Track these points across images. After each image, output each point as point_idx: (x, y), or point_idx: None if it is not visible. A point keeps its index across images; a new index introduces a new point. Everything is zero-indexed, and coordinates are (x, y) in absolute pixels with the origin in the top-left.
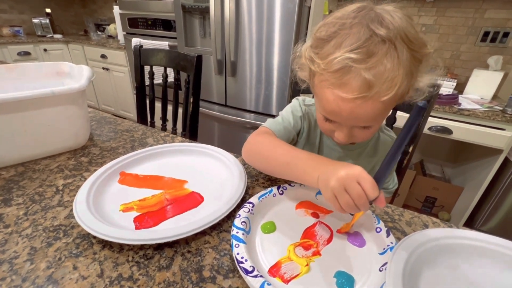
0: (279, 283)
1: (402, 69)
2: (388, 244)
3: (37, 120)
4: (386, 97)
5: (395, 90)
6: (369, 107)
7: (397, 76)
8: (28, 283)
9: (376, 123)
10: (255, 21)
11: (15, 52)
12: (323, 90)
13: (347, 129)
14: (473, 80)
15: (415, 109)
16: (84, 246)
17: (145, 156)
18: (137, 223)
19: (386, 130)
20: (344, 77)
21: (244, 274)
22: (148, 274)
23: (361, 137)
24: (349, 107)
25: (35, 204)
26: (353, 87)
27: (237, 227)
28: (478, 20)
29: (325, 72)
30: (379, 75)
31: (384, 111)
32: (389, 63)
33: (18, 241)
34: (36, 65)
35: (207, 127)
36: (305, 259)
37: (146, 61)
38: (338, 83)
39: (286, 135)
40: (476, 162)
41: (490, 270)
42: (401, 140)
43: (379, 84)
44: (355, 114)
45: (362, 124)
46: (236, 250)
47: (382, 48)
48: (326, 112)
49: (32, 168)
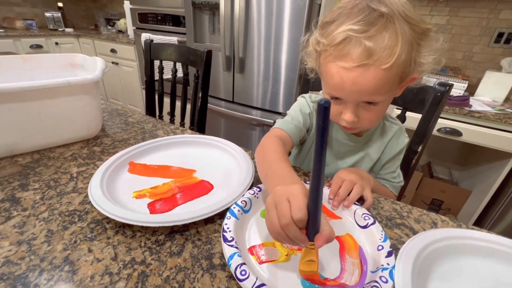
0: (253, 261)
1: (401, 39)
2: (383, 264)
3: (52, 109)
4: (386, 65)
5: (395, 58)
6: (371, 76)
7: (396, 45)
8: (46, 263)
9: (379, 97)
10: (265, 18)
11: (27, 44)
12: (327, 66)
13: (352, 106)
14: (485, 81)
15: (318, 107)
16: (98, 230)
17: (153, 147)
18: (152, 208)
19: (391, 118)
20: (346, 48)
21: (223, 241)
22: (160, 259)
23: (367, 118)
24: (352, 77)
25: (50, 190)
26: (354, 56)
27: (237, 204)
28: (493, 20)
29: (329, 47)
30: (379, 43)
31: (387, 83)
32: (388, 33)
33: (35, 224)
34: (50, 56)
35: (214, 123)
36: (287, 250)
37: (156, 55)
38: (340, 55)
39: (298, 133)
40: (485, 166)
41: (499, 271)
42: (316, 150)
43: (379, 51)
44: (358, 84)
45: (366, 98)
46: (226, 221)
47: (381, 20)
48: (331, 88)
49: (47, 155)
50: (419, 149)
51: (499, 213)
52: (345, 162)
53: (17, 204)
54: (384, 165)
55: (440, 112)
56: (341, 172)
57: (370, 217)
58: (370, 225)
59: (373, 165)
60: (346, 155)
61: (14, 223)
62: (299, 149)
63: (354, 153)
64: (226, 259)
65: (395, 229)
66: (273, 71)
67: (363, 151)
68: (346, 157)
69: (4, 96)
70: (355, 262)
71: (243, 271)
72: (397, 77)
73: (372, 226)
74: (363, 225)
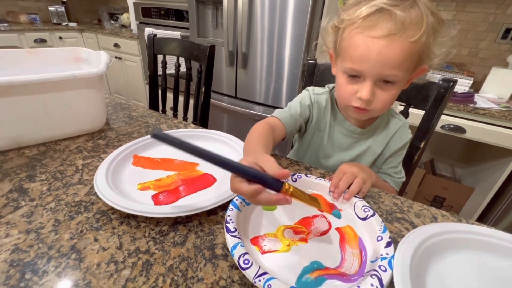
0: (255, 251)
1: (426, 20)
2: (382, 254)
3: (58, 102)
4: (413, 38)
5: (421, 32)
6: (398, 47)
7: (423, 22)
8: (54, 251)
9: (400, 73)
10: (268, 13)
11: (31, 39)
12: (352, 39)
13: (371, 83)
14: (491, 78)
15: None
16: (104, 221)
17: (157, 141)
18: (156, 199)
19: (395, 113)
20: (376, 18)
21: (226, 232)
22: (163, 249)
23: (381, 100)
24: (379, 47)
25: (57, 181)
26: (384, 27)
27: (240, 196)
28: (500, 16)
29: (357, 19)
30: (408, 17)
31: (409, 58)
32: (415, 11)
33: (43, 214)
34: (55, 50)
35: (216, 118)
36: (289, 240)
37: (159, 50)
38: (370, 25)
39: (293, 122)
40: (489, 163)
41: (498, 265)
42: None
43: (408, 24)
44: (383, 56)
45: (388, 71)
46: (228, 212)
47: (408, 2)
48: (354, 61)
49: (53, 148)
50: (421, 145)
51: (502, 211)
52: (348, 154)
53: (25, 195)
54: (387, 159)
55: (444, 108)
56: (343, 166)
57: (370, 209)
58: (369, 217)
59: (376, 158)
60: (349, 147)
61: (23, 212)
62: (299, 143)
63: (357, 145)
64: (229, 249)
65: (395, 223)
66: (276, 66)
67: (366, 144)
68: (349, 149)
69: (11, 89)
70: (355, 252)
71: (246, 260)
72: (416, 57)
73: (372, 217)
74: (363, 217)
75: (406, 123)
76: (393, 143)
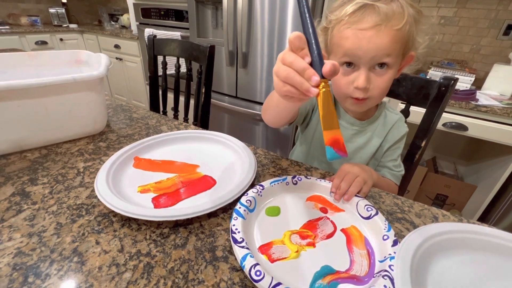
0: (265, 260)
1: (407, 10)
2: (390, 253)
3: (59, 105)
4: (398, 26)
5: (404, 21)
6: (385, 34)
7: (405, 12)
8: (56, 254)
9: (392, 57)
10: (268, 12)
11: (33, 41)
12: (341, 34)
13: (365, 70)
14: (492, 75)
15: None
16: (105, 224)
17: (157, 142)
18: (156, 202)
19: (391, 109)
20: (361, 13)
21: (233, 243)
22: (164, 251)
23: (378, 86)
24: (368, 36)
25: (58, 184)
26: (370, 20)
27: (242, 203)
28: (502, 12)
29: (344, 16)
30: (390, 9)
31: (398, 42)
32: (395, 4)
33: (45, 217)
34: (56, 52)
35: (217, 118)
36: (297, 246)
37: (159, 51)
38: (356, 20)
39: (304, 105)
40: (491, 161)
41: (499, 264)
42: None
43: (391, 15)
44: (374, 43)
45: (381, 56)
46: (233, 222)
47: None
48: (346, 52)
49: (54, 151)
50: (422, 144)
51: (505, 208)
52: (349, 147)
53: (27, 198)
54: (386, 152)
55: (445, 107)
56: (344, 166)
57: (372, 208)
58: (373, 215)
59: (375, 151)
60: (350, 139)
61: (25, 216)
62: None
63: (358, 138)
64: (239, 261)
65: (396, 223)
66: None
67: (366, 137)
68: (349, 141)
69: (13, 93)
70: (363, 253)
71: (257, 271)
72: (404, 43)
73: (375, 216)
74: (366, 216)
75: (402, 117)
76: (390, 135)
